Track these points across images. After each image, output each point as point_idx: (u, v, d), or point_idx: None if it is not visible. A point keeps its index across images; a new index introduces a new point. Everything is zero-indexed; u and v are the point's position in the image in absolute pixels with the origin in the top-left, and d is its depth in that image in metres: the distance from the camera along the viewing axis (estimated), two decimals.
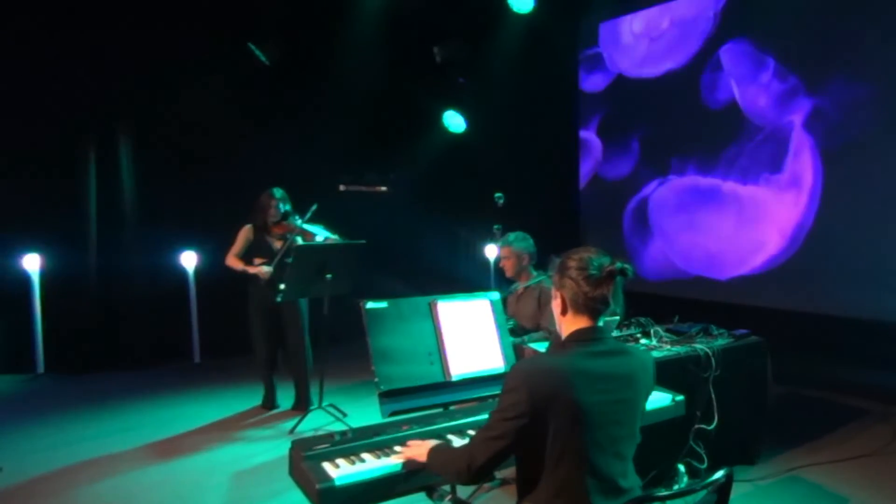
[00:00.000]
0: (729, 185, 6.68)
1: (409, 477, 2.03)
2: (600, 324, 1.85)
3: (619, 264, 1.82)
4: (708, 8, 6.92)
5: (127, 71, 6.36)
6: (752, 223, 6.46)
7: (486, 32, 7.76)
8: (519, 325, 3.99)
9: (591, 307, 1.82)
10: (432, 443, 2.04)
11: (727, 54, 6.73)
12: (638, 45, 7.67)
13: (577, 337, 1.83)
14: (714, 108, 6.80)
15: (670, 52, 7.29)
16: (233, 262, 4.92)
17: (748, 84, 6.54)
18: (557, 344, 1.92)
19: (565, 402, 1.67)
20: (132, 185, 6.71)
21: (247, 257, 4.95)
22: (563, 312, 1.88)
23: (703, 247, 6.98)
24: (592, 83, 8.26)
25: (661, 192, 7.41)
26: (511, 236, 4.06)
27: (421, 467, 2.00)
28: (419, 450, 2.00)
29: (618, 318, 3.55)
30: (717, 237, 6.81)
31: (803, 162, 6.05)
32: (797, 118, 6.11)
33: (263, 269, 4.83)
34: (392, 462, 2.05)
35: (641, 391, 1.86)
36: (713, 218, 6.85)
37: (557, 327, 1.94)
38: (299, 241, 4.85)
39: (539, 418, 1.67)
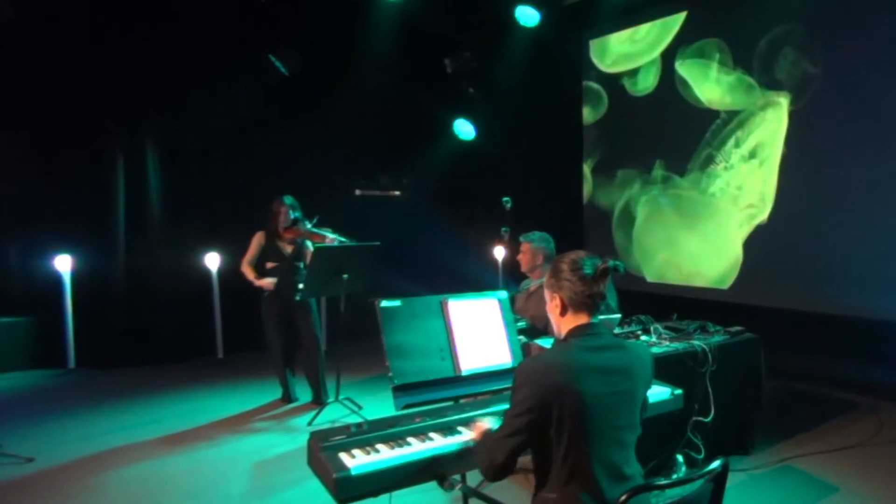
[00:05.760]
0: (724, 187, 6.75)
1: (422, 466, 2.10)
2: (595, 320, 1.94)
3: (610, 262, 1.92)
4: (686, 21, 7.10)
5: (154, 80, 6.51)
6: (748, 222, 6.53)
7: (495, 45, 7.83)
8: (531, 325, 4.02)
9: (589, 304, 1.92)
10: (489, 425, 2.12)
11: (687, 61, 6.97)
12: (632, 57, 7.78)
13: (575, 333, 1.91)
14: (701, 111, 6.88)
15: (659, 63, 7.41)
16: (246, 269, 5.04)
17: (716, 84, 6.71)
18: (559, 341, 1.99)
19: (569, 393, 1.75)
20: (159, 189, 6.84)
21: (260, 261, 5.07)
22: (563, 313, 1.96)
23: (700, 247, 7.01)
24: (592, 91, 8.32)
25: (659, 195, 7.47)
26: (535, 234, 4.15)
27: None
28: (482, 427, 2.11)
29: (619, 316, 3.65)
30: (714, 237, 6.86)
31: (795, 160, 6.10)
32: (784, 114, 6.15)
33: (267, 281, 4.98)
34: (405, 452, 2.12)
35: (640, 384, 1.92)
36: (710, 218, 6.90)
37: (555, 328, 2.02)
38: (309, 244, 4.99)
39: (546, 411, 1.76)
